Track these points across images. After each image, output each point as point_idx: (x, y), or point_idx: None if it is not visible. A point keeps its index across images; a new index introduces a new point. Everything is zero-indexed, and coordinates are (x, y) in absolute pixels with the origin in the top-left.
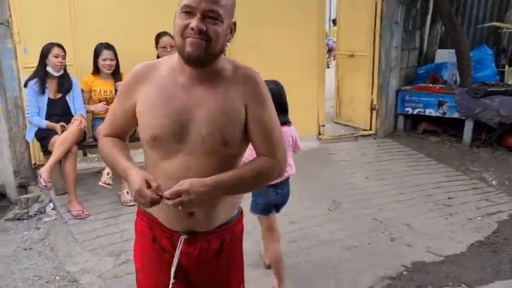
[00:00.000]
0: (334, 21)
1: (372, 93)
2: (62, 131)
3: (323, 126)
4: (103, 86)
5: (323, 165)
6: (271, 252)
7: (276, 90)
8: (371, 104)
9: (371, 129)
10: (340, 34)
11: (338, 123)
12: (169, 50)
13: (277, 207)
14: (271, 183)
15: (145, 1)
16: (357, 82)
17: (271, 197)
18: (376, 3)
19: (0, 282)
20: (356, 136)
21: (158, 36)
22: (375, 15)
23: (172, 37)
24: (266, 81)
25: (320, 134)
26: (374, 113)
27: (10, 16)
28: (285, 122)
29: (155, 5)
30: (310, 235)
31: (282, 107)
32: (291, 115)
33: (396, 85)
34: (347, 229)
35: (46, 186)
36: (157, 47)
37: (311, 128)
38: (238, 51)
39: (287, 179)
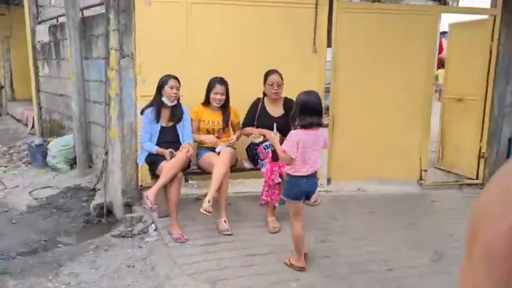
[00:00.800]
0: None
1: (481, 140)
2: (171, 157)
3: (425, 171)
4: (211, 117)
5: (425, 212)
6: (295, 230)
7: (299, 99)
8: (479, 151)
9: (477, 178)
10: (448, 76)
11: (440, 169)
12: (275, 88)
13: (308, 195)
14: (303, 174)
15: (255, 40)
16: (465, 127)
17: (303, 186)
18: (491, 46)
19: None
20: (461, 184)
21: (267, 74)
22: (490, 58)
23: (280, 76)
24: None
25: (421, 179)
26: (482, 161)
27: (135, 49)
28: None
29: (264, 43)
30: (412, 286)
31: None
32: (391, 157)
33: (509, 132)
34: (451, 284)
35: (151, 208)
36: (265, 84)
37: (412, 172)
38: (341, 91)
39: (315, 172)
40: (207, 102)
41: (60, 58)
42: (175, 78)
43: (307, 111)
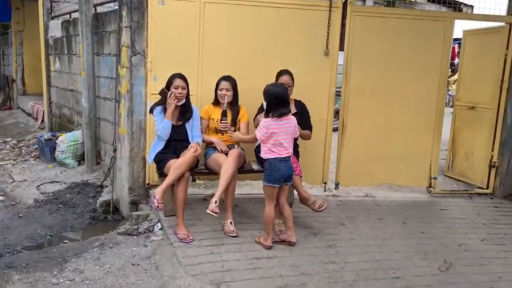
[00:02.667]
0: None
1: (493, 149)
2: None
3: (435, 178)
4: (219, 116)
5: (434, 220)
6: (268, 213)
7: (271, 91)
8: (491, 161)
9: (487, 188)
10: (461, 84)
11: (450, 177)
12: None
13: (287, 179)
14: (283, 156)
15: (268, 41)
16: (477, 136)
17: (282, 170)
18: (506, 55)
19: None
20: (471, 193)
21: (278, 74)
22: (504, 67)
23: (291, 76)
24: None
25: (430, 186)
26: (493, 170)
27: (146, 47)
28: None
29: (277, 45)
30: None
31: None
32: (400, 163)
33: None
34: None
35: (158, 206)
36: None
37: (421, 179)
38: (352, 95)
39: (290, 156)
40: (216, 102)
41: (72, 53)
42: (181, 77)
43: (280, 102)
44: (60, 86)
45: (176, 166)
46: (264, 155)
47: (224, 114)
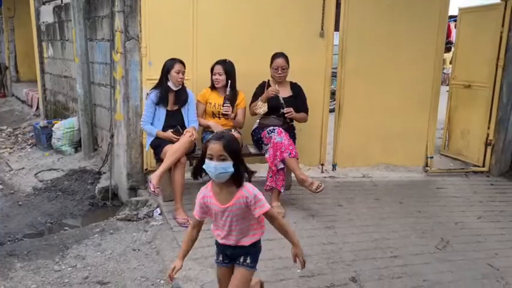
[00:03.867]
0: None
1: (489, 128)
2: (175, 134)
3: (431, 157)
4: (217, 100)
5: (431, 199)
6: None
7: None
8: (486, 139)
9: (483, 166)
10: (457, 62)
11: (446, 156)
12: (279, 72)
13: None
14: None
15: (262, 23)
16: (473, 114)
17: None
18: (502, 33)
19: (111, 278)
20: (467, 172)
21: (273, 57)
22: (500, 45)
23: (285, 58)
24: None
25: (427, 165)
26: (489, 148)
27: (140, 31)
28: None
29: (271, 27)
30: (417, 273)
31: None
32: (397, 143)
33: None
34: (457, 272)
35: (154, 191)
36: (271, 66)
37: (417, 159)
38: (348, 75)
39: None
40: (213, 86)
41: (64, 39)
42: (181, 62)
43: None
44: (54, 73)
45: (172, 151)
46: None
47: (227, 98)
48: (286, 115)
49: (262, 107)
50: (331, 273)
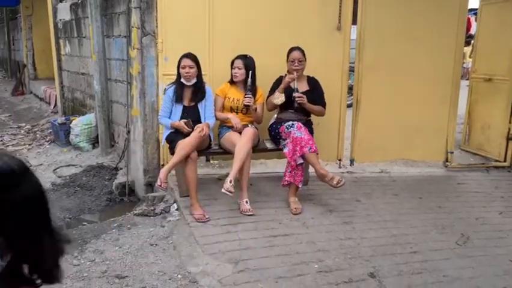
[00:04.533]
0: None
1: (510, 122)
2: (188, 126)
3: (451, 152)
4: (236, 95)
5: (451, 195)
6: None
7: None
8: (508, 133)
9: (505, 161)
10: (477, 55)
11: (466, 151)
12: (296, 64)
13: None
14: None
15: (278, 17)
16: (493, 108)
17: None
18: None
19: (129, 272)
20: (488, 167)
21: (289, 51)
22: None
23: (302, 52)
24: None
25: (447, 160)
26: (511, 143)
27: (156, 27)
28: None
29: (288, 21)
30: (437, 269)
31: None
32: (416, 138)
33: None
34: (478, 268)
35: (161, 186)
36: (287, 61)
37: (437, 154)
38: (366, 70)
39: None
40: (232, 80)
41: (81, 36)
42: (188, 56)
43: None
44: (71, 70)
45: (180, 147)
46: None
47: (249, 89)
48: (297, 99)
49: (279, 97)
50: (349, 268)
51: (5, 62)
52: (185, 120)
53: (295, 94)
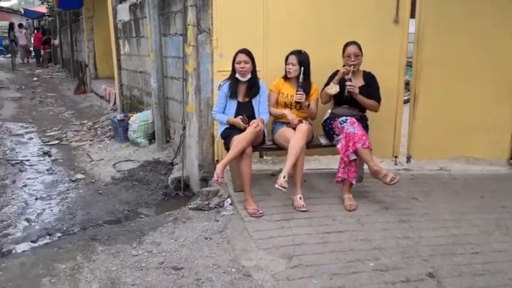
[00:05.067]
0: None
1: None
2: (244, 123)
3: None
4: (289, 90)
5: None
6: None
7: None
8: None
9: None
10: None
11: None
12: (353, 59)
13: None
14: None
15: (334, 11)
16: None
17: None
18: None
19: (185, 264)
20: None
21: (345, 46)
22: None
23: (358, 47)
24: None
25: (511, 158)
26: None
27: (212, 24)
28: None
29: (343, 14)
30: (501, 271)
31: None
32: (477, 135)
33: None
34: None
35: (217, 180)
36: (343, 55)
37: (501, 151)
38: (425, 65)
39: None
40: (286, 76)
41: (140, 36)
42: (243, 52)
43: None
44: (130, 69)
45: (236, 142)
46: None
47: (301, 86)
48: (348, 88)
49: (333, 87)
50: (406, 267)
51: (68, 62)
52: (241, 117)
53: (347, 83)
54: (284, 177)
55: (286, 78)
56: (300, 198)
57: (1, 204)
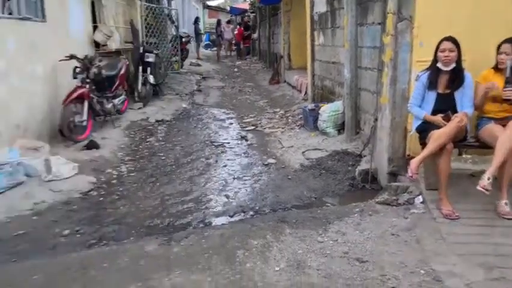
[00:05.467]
0: None
1: None
2: (445, 120)
3: None
4: (500, 83)
5: None
6: None
7: None
8: None
9: None
10: None
11: None
12: None
13: None
14: None
15: None
16: None
17: None
18: None
19: (370, 258)
20: None
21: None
22: None
23: None
24: None
25: None
26: None
27: (414, 11)
28: None
29: None
30: None
31: None
32: None
33: None
34: None
35: (411, 177)
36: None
37: None
38: None
39: None
40: (497, 67)
41: (335, 27)
42: (449, 39)
43: None
44: (323, 59)
45: (435, 137)
46: None
47: (508, 81)
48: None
49: None
50: None
51: (265, 54)
52: (442, 115)
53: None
54: (488, 179)
55: (497, 69)
56: (506, 204)
57: (206, 180)
